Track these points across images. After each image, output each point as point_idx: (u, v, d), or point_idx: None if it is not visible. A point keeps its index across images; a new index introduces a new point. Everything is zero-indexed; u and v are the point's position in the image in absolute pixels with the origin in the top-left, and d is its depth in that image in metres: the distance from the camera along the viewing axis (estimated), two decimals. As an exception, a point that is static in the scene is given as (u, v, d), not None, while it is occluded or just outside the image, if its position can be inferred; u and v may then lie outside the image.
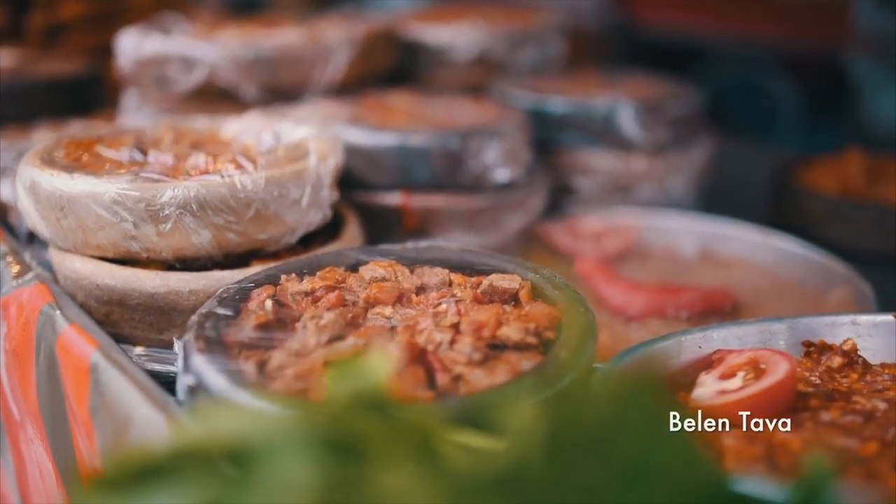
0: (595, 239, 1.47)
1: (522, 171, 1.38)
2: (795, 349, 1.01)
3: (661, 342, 0.96)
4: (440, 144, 1.30)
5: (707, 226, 1.50)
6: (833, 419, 0.86)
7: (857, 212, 1.60)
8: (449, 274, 0.99)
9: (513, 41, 1.79)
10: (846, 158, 1.78)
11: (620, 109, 1.54)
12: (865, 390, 0.94)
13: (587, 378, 0.76)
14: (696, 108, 1.65)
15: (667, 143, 1.57)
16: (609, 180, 1.55)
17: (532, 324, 0.89)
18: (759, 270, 1.41)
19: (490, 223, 1.34)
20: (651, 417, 0.40)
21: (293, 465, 0.41)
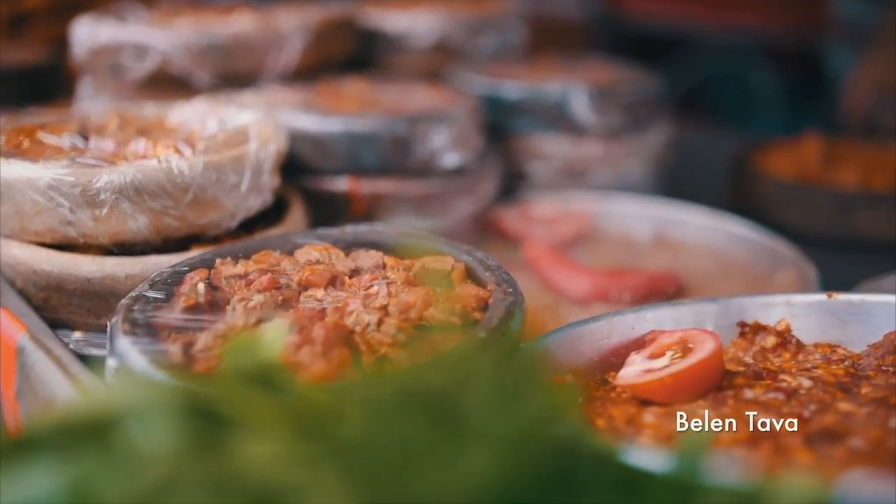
0: (547, 224, 1.47)
1: (473, 157, 1.39)
2: (731, 330, 1.02)
3: (592, 322, 0.97)
4: (387, 130, 1.30)
5: (660, 210, 1.51)
6: (755, 396, 0.86)
7: (810, 196, 1.61)
8: (383, 257, 1.00)
9: (472, 28, 1.79)
10: (803, 143, 1.79)
11: (573, 94, 1.54)
12: (794, 369, 0.95)
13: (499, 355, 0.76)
14: (652, 94, 1.65)
15: (621, 127, 1.57)
16: (563, 165, 1.55)
17: (458, 304, 0.89)
18: (709, 254, 1.42)
19: (439, 208, 1.35)
20: (503, 385, 0.41)
21: (152, 431, 0.42)
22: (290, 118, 1.31)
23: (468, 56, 1.78)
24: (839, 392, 0.87)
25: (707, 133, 2.68)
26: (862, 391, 0.87)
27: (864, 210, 1.56)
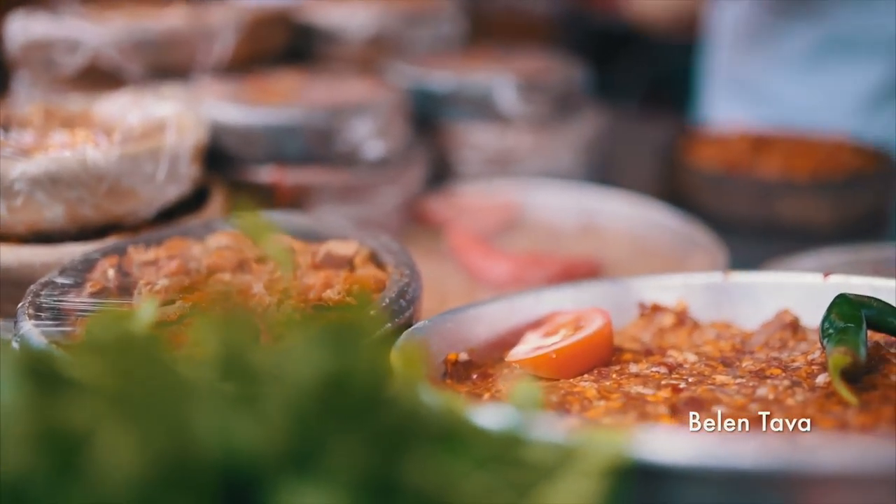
0: (474, 212, 1.51)
1: (397, 147, 1.42)
2: (633, 310, 1.05)
3: (492, 303, 1.00)
4: (309, 121, 1.33)
5: (585, 198, 1.55)
6: (639, 370, 0.90)
7: (733, 184, 1.65)
8: (291, 242, 1.02)
9: (407, 21, 1.82)
10: (732, 133, 1.83)
11: (500, 85, 1.57)
12: (685, 346, 0.99)
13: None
14: (581, 83, 1.69)
15: (549, 117, 1.60)
16: (492, 155, 1.59)
17: (356, 286, 0.92)
18: (630, 239, 1.46)
19: (364, 197, 1.38)
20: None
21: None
22: (215, 110, 1.34)
23: (405, 48, 1.81)
24: (720, 366, 0.91)
25: (653, 123, 2.72)
26: (742, 364, 0.91)
27: (784, 197, 1.61)
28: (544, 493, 0.46)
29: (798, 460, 0.57)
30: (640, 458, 0.56)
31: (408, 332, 0.87)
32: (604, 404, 0.81)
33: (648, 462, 0.57)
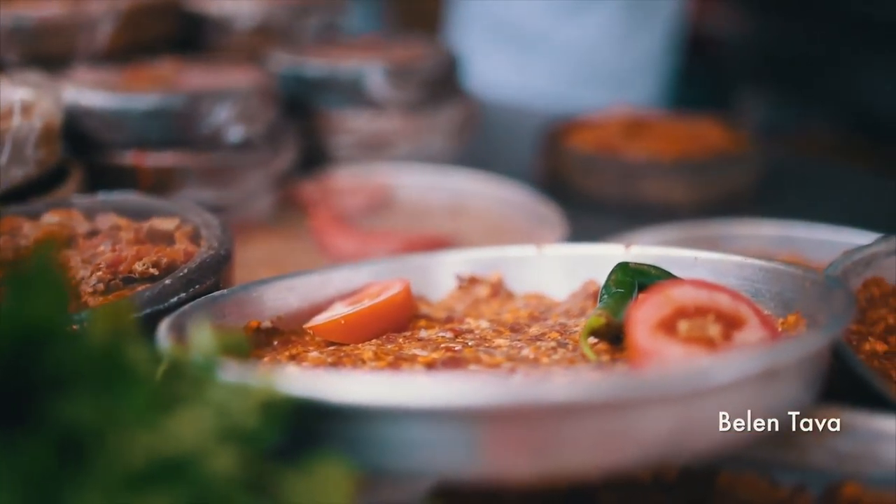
0: (343, 194, 1.56)
1: (263, 131, 1.46)
2: (445, 283, 1.11)
3: (305, 275, 1.05)
4: (168, 105, 1.38)
5: (452, 180, 1.60)
6: (427, 335, 0.95)
7: (602, 166, 1.71)
8: (117, 219, 1.08)
9: (295, 10, 1.86)
10: (609, 117, 1.90)
11: (369, 72, 1.63)
12: (490, 314, 1.04)
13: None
14: (453, 70, 1.74)
15: (420, 102, 1.66)
16: (364, 139, 1.64)
17: (165, 258, 0.97)
18: (488, 218, 1.51)
19: (228, 181, 1.43)
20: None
21: None
22: (79, 96, 1.38)
23: (293, 37, 1.86)
24: (508, 331, 0.97)
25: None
26: (530, 330, 0.97)
27: (647, 178, 1.67)
28: (187, 419, 0.52)
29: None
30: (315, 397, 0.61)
31: (204, 300, 0.92)
32: (373, 364, 0.86)
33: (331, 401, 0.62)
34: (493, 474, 0.62)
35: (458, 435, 0.61)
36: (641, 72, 2.70)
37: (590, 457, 0.60)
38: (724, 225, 1.39)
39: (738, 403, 0.62)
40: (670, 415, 0.60)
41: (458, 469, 0.63)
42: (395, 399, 0.61)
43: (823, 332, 0.67)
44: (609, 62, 2.62)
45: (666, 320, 0.77)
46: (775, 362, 0.62)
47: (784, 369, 0.63)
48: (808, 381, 0.68)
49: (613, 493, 0.72)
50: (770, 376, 0.62)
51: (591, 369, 0.80)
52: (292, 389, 0.59)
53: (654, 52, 2.69)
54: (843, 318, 0.70)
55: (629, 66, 2.65)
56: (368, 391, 0.62)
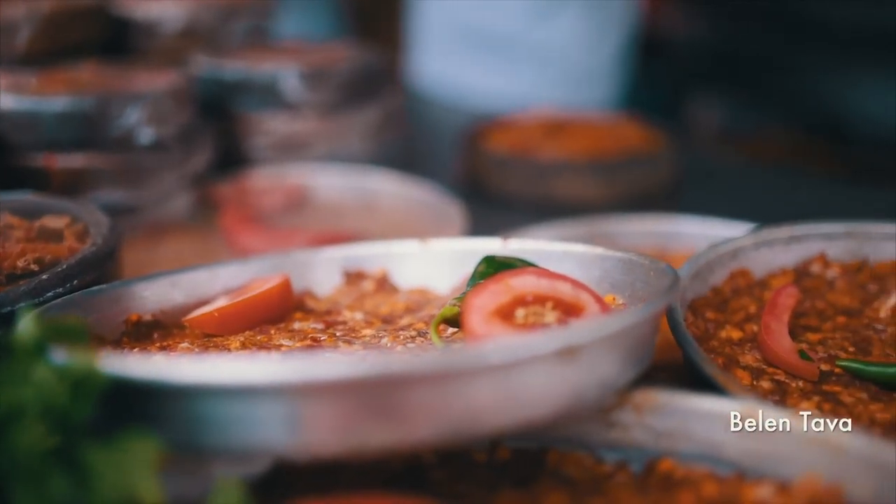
0: (260, 194, 1.59)
1: (173, 132, 1.49)
2: (333, 279, 1.15)
3: (190, 271, 1.08)
4: (79, 108, 1.41)
5: (366, 180, 1.64)
6: (300, 327, 0.99)
7: (517, 166, 1.75)
8: (12, 218, 1.11)
9: (222, 14, 1.89)
10: (529, 118, 1.94)
11: (284, 75, 1.66)
12: (371, 307, 1.08)
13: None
14: (371, 72, 1.78)
15: (336, 104, 1.69)
16: (281, 140, 1.68)
17: (49, 255, 1.01)
18: (399, 216, 1.55)
19: (141, 181, 1.46)
20: None
21: None
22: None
23: (220, 41, 1.89)
24: (379, 322, 1.01)
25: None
26: (401, 321, 1.01)
27: (560, 177, 1.71)
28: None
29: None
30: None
31: (78, 294, 0.95)
32: (238, 354, 0.90)
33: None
34: (315, 449, 0.66)
35: (276, 411, 0.64)
36: (606, 73, 2.75)
37: (398, 430, 0.64)
38: (615, 221, 1.44)
39: (540, 379, 0.66)
40: (468, 391, 0.64)
41: (282, 446, 0.66)
42: (206, 377, 0.64)
43: (625, 315, 0.71)
44: (578, 64, 2.67)
45: (503, 308, 0.81)
46: (573, 340, 0.66)
47: (587, 347, 0.67)
48: (622, 359, 0.72)
49: (444, 470, 0.76)
50: (570, 353, 0.66)
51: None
52: (111, 370, 0.63)
53: (616, 54, 2.75)
54: (653, 304, 0.74)
55: (595, 68, 2.70)
56: (180, 371, 0.65)
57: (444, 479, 0.75)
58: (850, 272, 1.15)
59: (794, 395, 0.89)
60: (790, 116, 4.09)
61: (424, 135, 2.19)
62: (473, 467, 0.77)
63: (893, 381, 0.90)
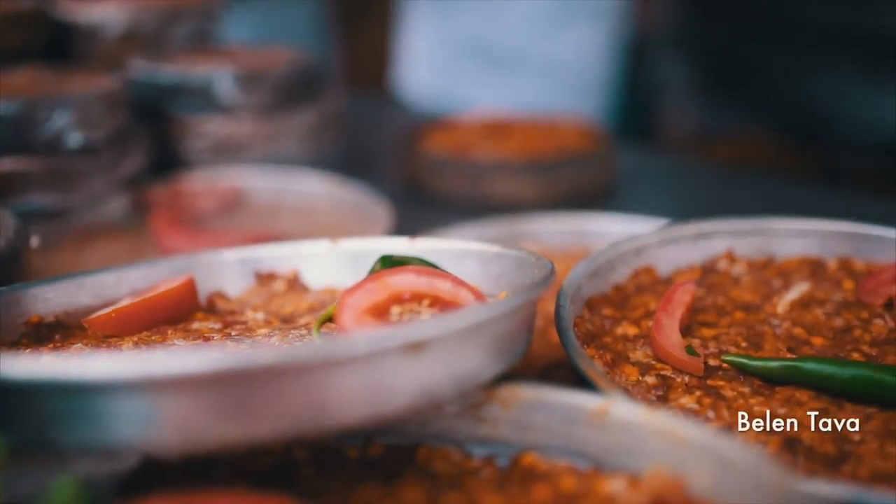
0: (194, 197, 1.60)
1: (104, 136, 1.50)
2: (247, 280, 1.16)
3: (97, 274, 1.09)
4: (5, 112, 1.41)
5: (300, 182, 1.65)
6: (198, 327, 1.00)
7: (453, 167, 1.76)
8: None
9: (163, 18, 1.90)
10: (469, 119, 1.95)
11: (218, 78, 1.67)
12: (272, 307, 1.09)
13: None
14: (309, 75, 1.79)
15: (272, 107, 1.70)
16: (217, 143, 1.68)
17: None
18: (325, 216, 1.56)
19: (71, 185, 1.46)
20: None
21: None
22: None
23: (162, 44, 1.90)
24: (278, 322, 1.02)
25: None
26: (300, 321, 1.02)
27: (495, 178, 1.72)
28: None
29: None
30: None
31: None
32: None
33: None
34: (166, 446, 0.66)
35: (121, 408, 0.65)
36: (608, 81, 2.77)
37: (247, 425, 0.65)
38: (539, 220, 1.46)
39: (387, 374, 0.67)
40: (312, 386, 0.65)
41: (135, 443, 0.67)
42: (46, 374, 0.65)
43: (477, 311, 0.71)
44: (582, 74, 2.68)
45: (378, 305, 0.82)
46: (419, 335, 0.67)
47: (435, 342, 0.68)
48: (481, 353, 0.73)
49: (314, 467, 0.77)
50: (416, 348, 0.67)
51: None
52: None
53: (617, 62, 2.76)
54: (510, 301, 0.75)
55: (598, 77, 2.72)
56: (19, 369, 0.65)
57: (312, 475, 0.76)
58: (756, 268, 1.17)
59: (678, 390, 0.90)
60: (768, 118, 4.11)
61: (389, 139, 2.20)
62: (345, 463, 0.78)
63: (776, 375, 0.91)
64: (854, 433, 0.84)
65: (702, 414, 0.86)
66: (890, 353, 0.97)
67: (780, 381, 0.91)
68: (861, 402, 0.89)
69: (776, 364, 0.91)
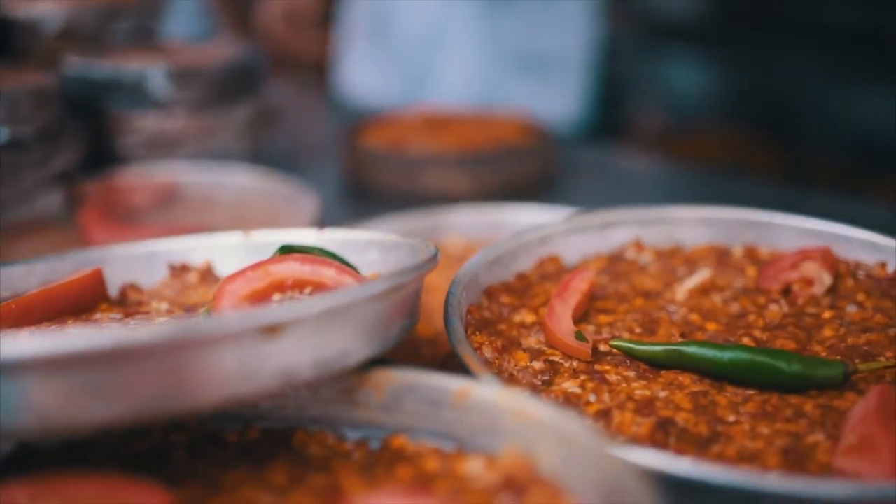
0: (128, 192, 1.61)
1: (32, 132, 1.51)
2: (162, 272, 1.17)
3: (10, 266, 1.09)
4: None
5: (233, 176, 1.66)
6: (99, 316, 1.01)
7: (390, 160, 1.78)
8: None
9: (103, 14, 1.91)
10: (409, 114, 1.97)
11: (151, 74, 1.68)
12: (180, 298, 1.10)
13: None
14: (246, 70, 1.80)
15: (207, 103, 1.71)
16: (152, 139, 1.69)
17: None
18: (255, 209, 1.58)
19: (1, 179, 1.47)
20: None
21: None
22: None
23: (101, 41, 1.90)
24: (180, 311, 1.03)
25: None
26: (202, 310, 1.03)
27: (428, 171, 1.74)
28: None
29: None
30: None
31: None
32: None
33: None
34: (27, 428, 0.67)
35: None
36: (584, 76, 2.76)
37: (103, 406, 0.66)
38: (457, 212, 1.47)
39: (241, 356, 0.68)
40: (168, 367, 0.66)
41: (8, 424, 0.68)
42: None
43: (335, 296, 0.72)
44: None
45: (259, 292, 0.84)
46: (274, 318, 0.68)
47: (292, 325, 0.69)
48: (346, 337, 0.74)
49: (190, 451, 0.78)
50: (272, 331, 0.68)
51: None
52: None
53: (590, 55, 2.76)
54: (370, 286, 0.76)
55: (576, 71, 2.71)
56: None
57: (187, 459, 0.77)
58: (664, 257, 1.18)
59: (565, 375, 0.92)
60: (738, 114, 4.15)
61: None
62: (221, 448, 0.79)
63: (660, 359, 0.93)
64: (730, 414, 0.86)
65: (583, 398, 0.88)
66: (780, 338, 0.99)
67: (665, 365, 0.93)
68: (742, 385, 0.91)
69: (660, 348, 0.93)
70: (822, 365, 0.89)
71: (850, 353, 0.95)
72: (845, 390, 0.89)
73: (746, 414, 0.86)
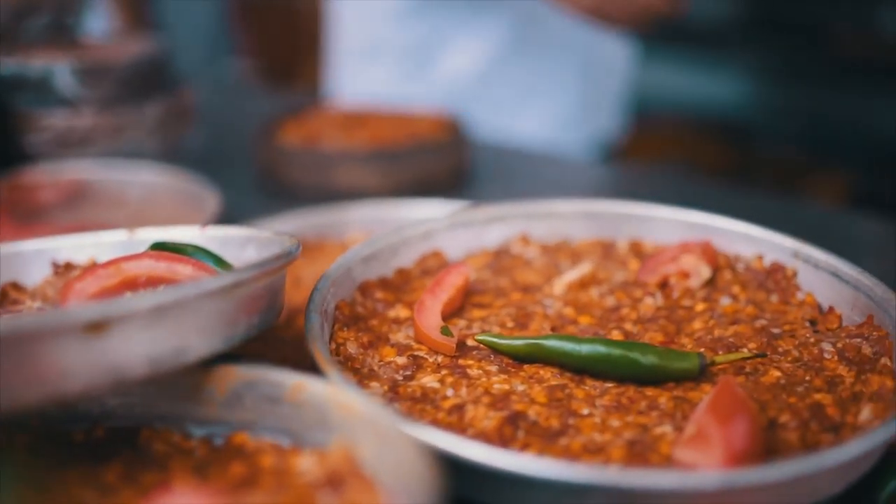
0: (36, 191, 1.60)
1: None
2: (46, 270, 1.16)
3: None
4: None
5: (143, 174, 1.65)
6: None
7: (301, 157, 1.77)
8: None
9: (17, 11, 1.89)
10: (325, 112, 1.97)
11: (57, 71, 1.67)
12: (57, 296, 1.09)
13: None
14: (159, 68, 1.79)
15: (116, 100, 1.70)
16: (60, 137, 1.68)
17: None
18: (162, 207, 1.57)
19: None
20: None
21: None
22: None
23: (16, 38, 1.89)
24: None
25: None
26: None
27: (341, 167, 1.74)
28: None
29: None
30: None
31: None
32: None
33: None
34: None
35: None
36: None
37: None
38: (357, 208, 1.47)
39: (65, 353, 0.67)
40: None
41: None
42: None
43: (167, 293, 0.72)
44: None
45: (109, 289, 0.83)
46: (100, 314, 0.68)
47: (118, 321, 0.69)
48: (181, 333, 0.74)
49: (32, 451, 0.78)
50: (97, 328, 0.68)
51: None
52: None
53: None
54: (206, 283, 0.75)
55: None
56: None
57: (29, 459, 0.76)
58: (550, 251, 1.19)
59: (427, 370, 0.92)
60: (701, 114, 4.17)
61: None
62: (66, 448, 0.79)
63: (521, 353, 0.94)
64: (584, 407, 0.86)
65: (441, 392, 0.88)
66: (650, 331, 1.00)
67: (527, 359, 0.94)
68: (601, 378, 0.91)
69: (521, 342, 0.93)
70: (677, 357, 0.90)
71: (714, 345, 0.96)
72: (702, 382, 0.90)
73: (601, 407, 0.87)
